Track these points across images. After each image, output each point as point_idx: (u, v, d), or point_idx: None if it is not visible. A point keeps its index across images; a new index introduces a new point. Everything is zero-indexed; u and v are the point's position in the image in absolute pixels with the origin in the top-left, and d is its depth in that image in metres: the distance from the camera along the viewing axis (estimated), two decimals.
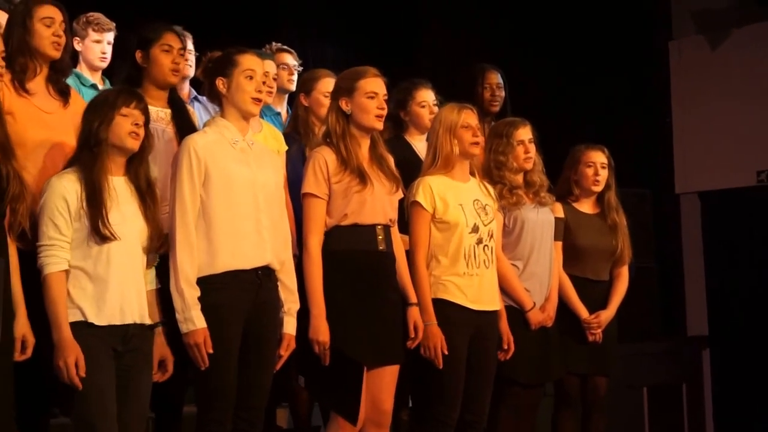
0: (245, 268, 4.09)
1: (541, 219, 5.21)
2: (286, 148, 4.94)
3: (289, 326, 4.25)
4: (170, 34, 4.52)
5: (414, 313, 4.57)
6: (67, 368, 3.68)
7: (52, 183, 3.79)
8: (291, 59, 5.94)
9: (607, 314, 5.46)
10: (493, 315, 4.84)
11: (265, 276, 4.15)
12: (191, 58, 5.56)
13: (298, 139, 5.09)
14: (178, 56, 4.51)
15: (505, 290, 5.02)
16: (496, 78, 6.09)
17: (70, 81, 4.59)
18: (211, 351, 3.98)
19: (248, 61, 4.22)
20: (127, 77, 4.52)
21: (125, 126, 3.85)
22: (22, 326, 3.66)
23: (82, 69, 5.55)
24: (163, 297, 4.04)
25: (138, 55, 4.48)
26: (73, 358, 3.68)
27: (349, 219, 4.40)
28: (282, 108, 5.85)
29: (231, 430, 4.08)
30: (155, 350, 3.98)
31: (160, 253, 4.03)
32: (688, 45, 8.83)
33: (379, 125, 4.51)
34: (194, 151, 4.07)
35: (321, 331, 4.29)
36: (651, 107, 9.08)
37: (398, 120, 5.29)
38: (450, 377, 4.64)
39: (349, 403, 4.35)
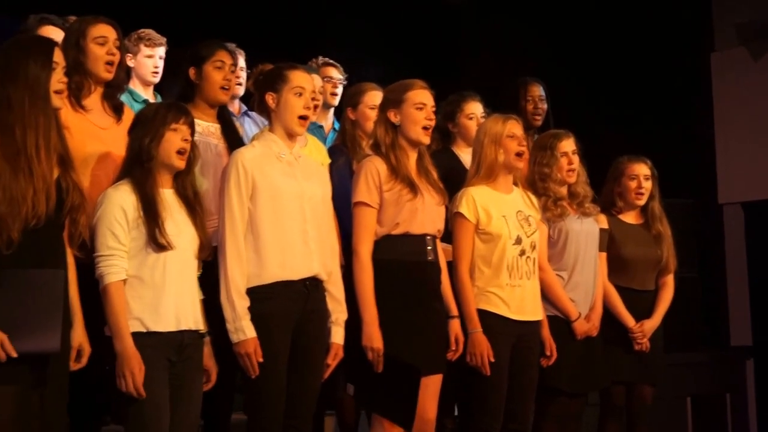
0: (293, 278, 4.10)
1: (585, 230, 5.19)
2: (329, 161, 4.95)
3: (337, 336, 4.25)
4: (223, 52, 4.55)
5: (455, 325, 4.57)
6: (131, 378, 3.70)
7: (109, 194, 3.83)
8: (336, 73, 5.95)
9: (653, 323, 5.43)
10: (535, 325, 4.83)
11: (313, 286, 4.17)
12: (243, 75, 5.59)
13: (345, 152, 5.09)
14: (229, 73, 4.54)
15: (550, 300, 5.01)
16: (538, 91, 6.08)
17: (123, 97, 4.63)
18: (261, 360, 4.00)
19: (298, 78, 4.25)
20: (180, 93, 4.56)
21: (174, 142, 3.88)
22: (79, 335, 3.68)
23: (134, 84, 5.59)
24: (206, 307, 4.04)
25: (191, 71, 4.52)
26: (136, 368, 3.71)
27: (400, 228, 4.40)
28: (325, 121, 5.85)
29: None
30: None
31: (208, 260, 4.03)
32: (731, 56, 8.75)
33: (426, 139, 4.51)
34: (242, 165, 4.09)
35: (375, 338, 4.28)
36: (694, 118, 9.00)
37: (446, 132, 5.30)
38: (493, 387, 4.64)
39: (404, 410, 4.35)
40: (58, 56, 3.61)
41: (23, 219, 3.44)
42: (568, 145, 5.14)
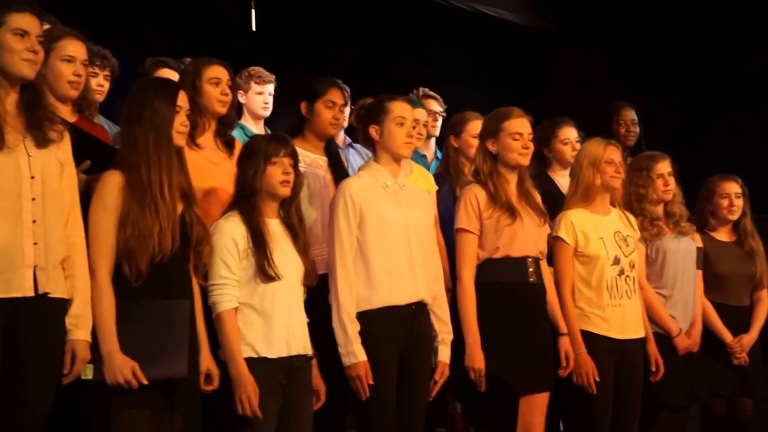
0: (400, 303, 4.07)
1: (683, 248, 5.12)
2: (436, 188, 4.92)
3: (443, 355, 4.21)
4: (336, 91, 4.52)
5: (565, 342, 4.53)
6: (248, 402, 3.67)
7: (220, 225, 3.82)
8: (436, 105, 5.96)
9: (750, 337, 5.35)
10: (638, 342, 4.77)
11: (419, 310, 4.13)
12: (346, 108, 5.58)
13: (449, 179, 5.08)
14: (339, 112, 4.51)
15: (651, 317, 4.95)
16: (630, 114, 6.08)
17: (235, 132, 4.65)
18: (371, 382, 3.97)
19: (399, 108, 4.21)
20: (290, 125, 4.54)
21: (277, 175, 3.85)
22: (206, 360, 3.68)
23: (245, 120, 5.63)
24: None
25: (303, 106, 4.49)
26: (252, 392, 3.68)
27: (500, 252, 4.36)
28: (428, 151, 5.84)
29: None
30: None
31: (312, 285, 4.01)
32: None
33: (525, 161, 4.46)
34: (349, 195, 4.07)
35: (476, 358, 4.25)
36: None
37: (542, 156, 5.22)
38: (598, 404, 4.58)
39: (503, 428, 4.32)
40: (182, 100, 3.63)
41: (150, 253, 3.47)
42: (664, 166, 5.08)
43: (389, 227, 4.09)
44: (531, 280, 4.41)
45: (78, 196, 3.45)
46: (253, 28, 7.05)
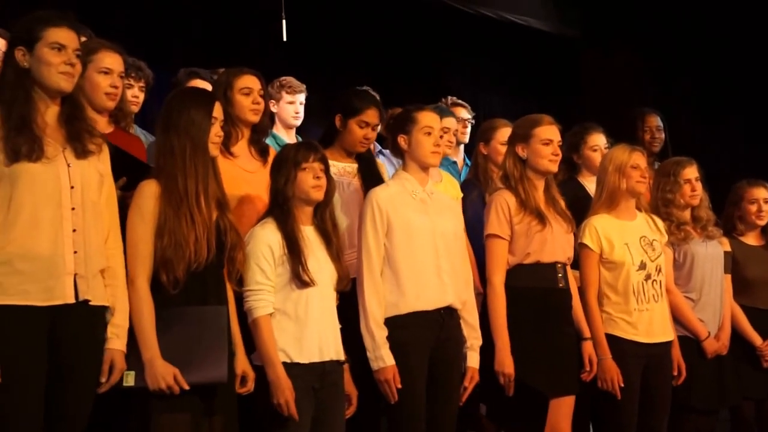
0: (428, 308, 4.07)
1: (710, 252, 5.09)
2: (462, 195, 4.90)
3: (473, 360, 4.21)
4: (373, 111, 4.44)
5: (588, 347, 4.52)
6: (286, 404, 3.68)
7: (256, 232, 3.83)
8: (465, 113, 5.97)
9: None
10: (666, 345, 4.75)
11: (448, 315, 4.13)
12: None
13: (478, 185, 5.08)
14: (371, 131, 4.47)
15: (679, 321, 4.93)
16: (655, 121, 6.04)
17: (268, 141, 4.64)
18: (399, 386, 3.98)
19: (426, 118, 4.21)
20: (323, 136, 4.53)
21: (308, 180, 3.85)
22: (242, 363, 3.69)
23: (277, 129, 5.63)
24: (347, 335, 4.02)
25: (337, 118, 4.46)
26: (290, 395, 3.69)
27: (531, 257, 4.36)
28: (458, 158, 5.83)
29: None
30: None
31: (345, 291, 4.01)
32: None
33: (554, 168, 4.47)
34: (377, 204, 4.08)
35: (506, 363, 4.24)
36: None
37: (571, 162, 5.21)
38: (624, 408, 4.57)
39: (530, 430, 4.31)
40: (217, 110, 3.63)
41: (187, 262, 3.48)
42: (691, 172, 5.06)
43: (416, 234, 4.09)
44: (560, 285, 4.40)
45: (117, 208, 3.47)
46: (284, 39, 7.06)
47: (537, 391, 4.28)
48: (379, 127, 4.65)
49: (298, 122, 5.74)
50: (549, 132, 4.42)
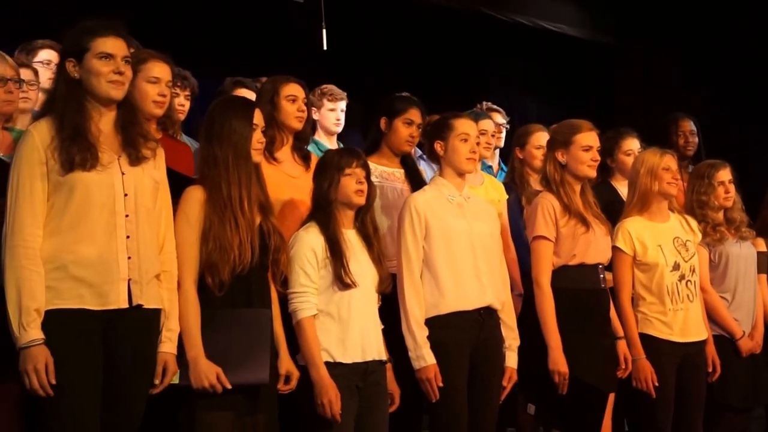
0: (468, 309, 4.08)
1: (744, 253, 5.08)
2: (507, 196, 4.94)
3: (511, 360, 4.21)
4: (415, 110, 4.52)
5: (623, 346, 4.51)
6: (330, 405, 3.70)
7: (300, 236, 3.85)
8: (500, 117, 5.99)
9: None
10: (700, 344, 4.73)
11: (487, 315, 4.13)
12: None
13: (514, 188, 5.10)
14: (416, 130, 4.52)
15: (714, 320, 4.91)
16: (689, 125, 6.05)
17: (310, 147, 4.67)
18: (441, 384, 3.98)
19: (463, 125, 4.23)
20: (369, 139, 4.59)
21: (351, 185, 3.88)
22: (286, 363, 3.71)
23: (319, 135, 5.66)
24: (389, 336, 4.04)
25: (382, 121, 4.52)
26: (333, 396, 3.71)
27: (576, 259, 4.36)
28: (494, 161, 5.83)
29: None
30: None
31: (387, 292, 4.03)
32: None
33: (593, 173, 4.48)
34: (415, 209, 4.10)
35: (560, 362, 4.24)
36: None
37: (605, 166, 5.19)
38: (659, 406, 4.55)
39: (591, 428, 4.30)
40: (257, 117, 3.66)
41: (232, 265, 3.50)
42: (725, 174, 5.06)
43: (454, 237, 4.11)
44: (603, 286, 4.41)
45: (172, 213, 3.50)
46: (324, 48, 7.09)
47: (592, 389, 4.26)
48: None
49: (339, 129, 5.77)
50: (589, 138, 4.43)
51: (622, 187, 5.17)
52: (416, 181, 4.52)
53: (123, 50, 3.33)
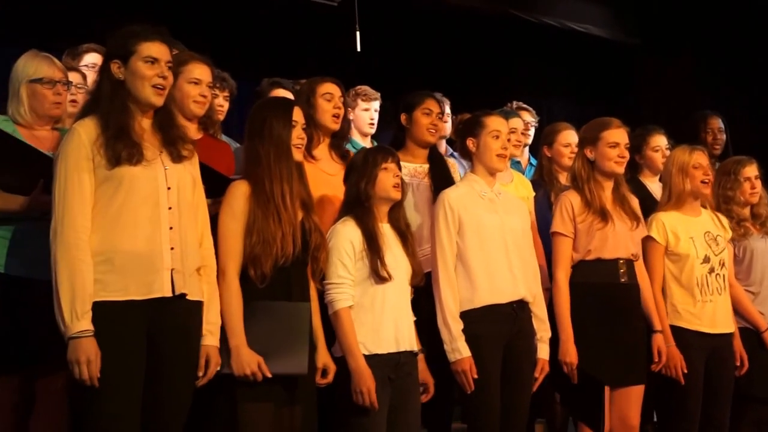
0: (501, 302, 4.10)
1: None
2: (533, 194, 4.95)
3: (543, 352, 4.23)
4: (431, 100, 4.56)
5: (658, 339, 4.50)
6: (367, 393, 3.73)
7: (338, 229, 3.88)
8: (529, 116, 5.97)
9: None
10: (728, 337, 4.72)
11: (520, 308, 4.16)
12: (449, 120, 5.62)
13: (543, 185, 5.11)
14: (436, 119, 4.55)
15: (740, 313, 4.89)
16: (717, 123, 6.00)
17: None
18: (476, 376, 4.00)
19: (494, 122, 4.25)
20: (393, 137, 4.62)
21: (389, 180, 3.92)
22: (323, 356, 3.74)
23: (353, 135, 5.67)
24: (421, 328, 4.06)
25: (402, 117, 4.55)
26: (371, 384, 3.73)
27: (592, 254, 4.37)
28: (522, 158, 5.84)
29: None
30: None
31: (420, 285, 4.05)
32: None
33: (620, 170, 4.47)
34: (448, 204, 4.13)
35: (570, 353, 4.28)
36: None
37: (633, 163, 5.18)
38: (689, 395, 4.55)
39: (594, 416, 4.32)
40: (297, 115, 3.71)
41: (274, 258, 3.55)
42: (751, 170, 5.03)
43: (487, 232, 4.13)
44: (622, 280, 4.40)
45: (207, 210, 3.53)
46: (358, 49, 7.13)
47: (594, 379, 4.29)
48: (448, 123, 4.70)
49: (373, 129, 5.78)
50: (616, 135, 4.43)
51: (650, 183, 5.17)
52: (441, 176, 4.52)
53: (167, 55, 3.38)
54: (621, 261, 4.40)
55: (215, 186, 3.64)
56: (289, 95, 4.81)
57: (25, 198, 3.67)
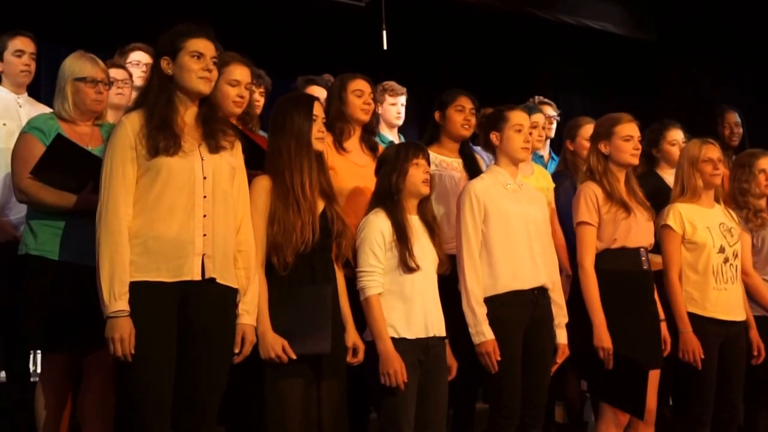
0: (523, 288, 4.13)
1: None
2: (553, 185, 4.98)
3: (561, 337, 4.24)
4: (464, 97, 4.62)
5: (663, 328, 4.48)
6: (395, 375, 3.78)
7: (370, 220, 3.93)
8: (551, 110, 6.00)
9: None
10: (740, 325, 4.70)
11: (541, 294, 4.18)
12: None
13: (569, 175, 5.13)
14: (470, 115, 4.60)
15: (758, 302, 4.87)
16: (734, 117, 5.97)
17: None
18: (499, 358, 4.03)
19: (517, 116, 4.28)
20: (428, 134, 4.67)
21: (419, 175, 3.97)
22: (353, 336, 3.81)
23: (381, 128, 5.73)
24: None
25: (437, 114, 4.61)
26: (399, 367, 3.79)
27: (617, 243, 4.37)
28: (544, 152, 5.86)
29: (517, 425, 4.10)
30: None
31: (446, 274, 4.08)
32: None
33: (635, 161, 4.48)
34: (474, 195, 4.16)
35: (605, 338, 4.24)
36: None
37: (650, 156, 5.20)
38: (704, 380, 4.54)
39: (635, 401, 4.29)
40: (317, 110, 3.77)
41: (294, 246, 3.62)
42: (765, 162, 4.99)
43: (510, 221, 4.16)
44: (644, 268, 4.41)
45: (249, 198, 3.59)
46: (385, 47, 7.17)
47: (635, 364, 4.25)
48: (475, 114, 4.73)
49: (400, 122, 5.84)
50: (629, 129, 4.44)
51: (667, 176, 5.15)
52: (473, 169, 4.59)
53: (212, 51, 3.46)
54: (642, 249, 4.41)
55: (256, 158, 3.73)
56: (323, 91, 4.87)
57: (77, 197, 3.81)
